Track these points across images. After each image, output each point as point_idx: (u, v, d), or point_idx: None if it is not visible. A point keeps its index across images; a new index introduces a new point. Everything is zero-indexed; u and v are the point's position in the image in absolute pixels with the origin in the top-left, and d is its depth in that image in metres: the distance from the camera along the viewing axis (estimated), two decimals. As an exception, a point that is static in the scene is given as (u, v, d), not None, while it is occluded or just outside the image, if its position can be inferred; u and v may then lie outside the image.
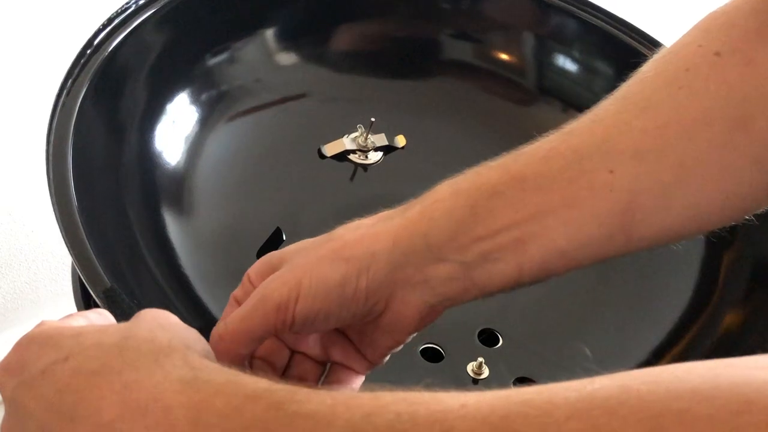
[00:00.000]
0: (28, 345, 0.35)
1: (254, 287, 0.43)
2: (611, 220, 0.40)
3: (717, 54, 0.41)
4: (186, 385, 0.30)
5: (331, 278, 0.40)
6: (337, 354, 0.45)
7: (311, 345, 0.45)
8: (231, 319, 0.41)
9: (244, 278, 0.45)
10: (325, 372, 0.45)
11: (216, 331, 0.42)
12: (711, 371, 0.24)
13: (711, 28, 0.43)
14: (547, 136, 0.42)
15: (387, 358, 0.45)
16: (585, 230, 0.39)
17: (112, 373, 0.31)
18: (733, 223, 0.43)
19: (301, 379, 0.44)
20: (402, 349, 0.51)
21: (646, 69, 0.43)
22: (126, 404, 0.30)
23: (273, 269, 0.43)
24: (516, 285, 0.41)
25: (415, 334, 0.44)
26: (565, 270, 0.41)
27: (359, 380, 0.45)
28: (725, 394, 0.23)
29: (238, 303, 0.44)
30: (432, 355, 0.57)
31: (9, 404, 0.34)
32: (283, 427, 0.28)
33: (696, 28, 0.44)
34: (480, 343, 0.58)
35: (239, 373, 0.31)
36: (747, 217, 0.43)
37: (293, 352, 0.45)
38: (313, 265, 0.40)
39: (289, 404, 0.28)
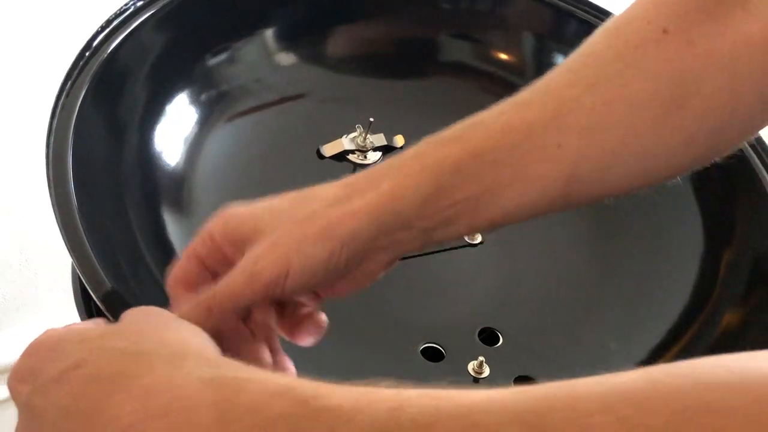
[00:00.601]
0: (35, 352, 0.35)
1: (220, 249, 0.45)
2: (554, 188, 0.44)
3: (665, 31, 0.44)
4: (208, 383, 0.30)
5: (319, 257, 0.43)
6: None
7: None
8: (221, 292, 0.43)
9: (205, 235, 0.46)
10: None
11: (206, 303, 0.43)
12: (739, 363, 0.24)
13: (659, 2, 0.45)
14: (502, 103, 0.45)
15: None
16: (530, 197, 0.44)
17: (131, 378, 0.31)
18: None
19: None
20: (403, 349, 0.51)
21: (597, 41, 0.46)
22: (147, 408, 0.30)
23: (243, 237, 0.44)
24: (464, 238, 0.53)
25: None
26: (505, 224, 0.45)
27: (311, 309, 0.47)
28: (755, 386, 0.23)
29: (200, 259, 0.46)
30: (432, 355, 0.57)
31: (24, 411, 0.34)
32: (309, 421, 0.28)
33: (644, 1, 0.46)
34: (480, 342, 0.58)
35: (257, 369, 0.32)
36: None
37: None
38: (300, 243, 0.43)
39: (313, 399, 0.29)
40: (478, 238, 0.63)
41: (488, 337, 0.58)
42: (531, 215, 0.45)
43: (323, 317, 0.47)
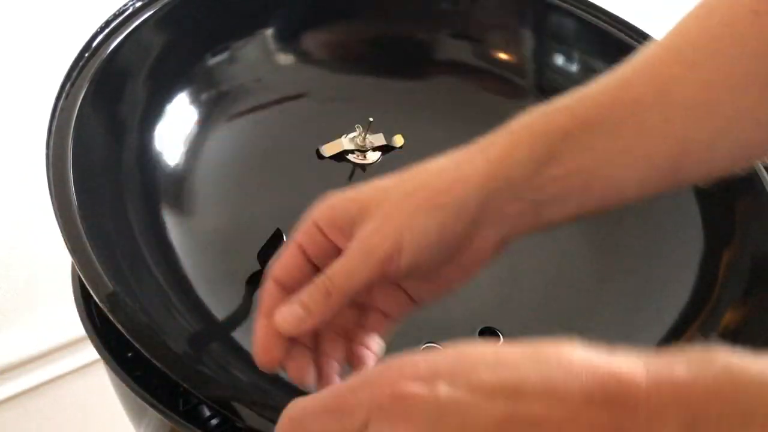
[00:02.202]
0: (445, 356, 0.33)
1: (325, 235, 0.43)
2: (664, 164, 0.44)
3: (755, 12, 0.44)
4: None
5: (431, 228, 0.41)
6: (380, 296, 0.45)
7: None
8: (337, 274, 0.41)
9: (309, 224, 0.44)
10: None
11: (324, 287, 0.41)
12: None
13: None
14: (604, 78, 0.45)
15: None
16: (641, 173, 0.43)
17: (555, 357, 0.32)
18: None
19: (339, 323, 0.44)
20: (403, 349, 0.51)
21: (688, 24, 0.46)
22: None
23: (350, 218, 0.43)
24: (571, 221, 0.45)
25: None
26: (615, 206, 0.44)
27: (389, 328, 0.46)
28: None
29: (304, 250, 0.44)
30: (433, 355, 0.57)
31: (439, 414, 0.31)
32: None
33: None
34: (480, 343, 0.58)
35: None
36: None
37: None
38: (411, 215, 0.41)
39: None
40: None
41: (489, 336, 0.58)
42: (642, 193, 0.45)
43: (375, 354, 0.45)
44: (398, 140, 0.69)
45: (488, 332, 0.58)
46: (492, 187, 0.42)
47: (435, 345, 0.57)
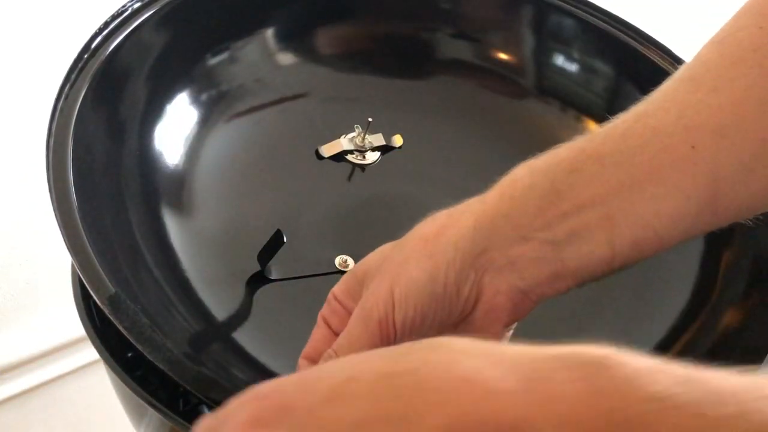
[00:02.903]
0: (276, 391, 0.29)
1: (342, 305, 0.42)
2: (698, 194, 0.39)
3: None
4: (566, 360, 0.28)
5: (419, 278, 0.39)
6: None
7: None
8: (341, 346, 0.40)
9: (330, 297, 0.44)
10: None
11: (329, 359, 0.40)
12: None
13: (765, 11, 0.42)
14: (616, 118, 0.41)
15: None
16: (673, 205, 0.39)
17: (447, 364, 0.26)
18: None
19: None
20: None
21: (707, 52, 0.43)
22: (487, 387, 0.26)
23: (359, 283, 0.42)
24: (610, 268, 0.40)
25: (509, 334, 0.42)
26: (656, 250, 0.40)
27: None
28: None
29: (327, 323, 0.43)
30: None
31: None
32: (705, 400, 0.25)
33: (747, 12, 0.43)
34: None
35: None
36: None
37: None
38: (399, 269, 0.39)
39: (695, 381, 0.26)
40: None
41: None
42: (679, 232, 0.40)
43: None
44: (397, 140, 0.69)
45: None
46: (488, 228, 0.39)
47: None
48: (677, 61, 0.70)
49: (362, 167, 0.67)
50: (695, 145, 0.39)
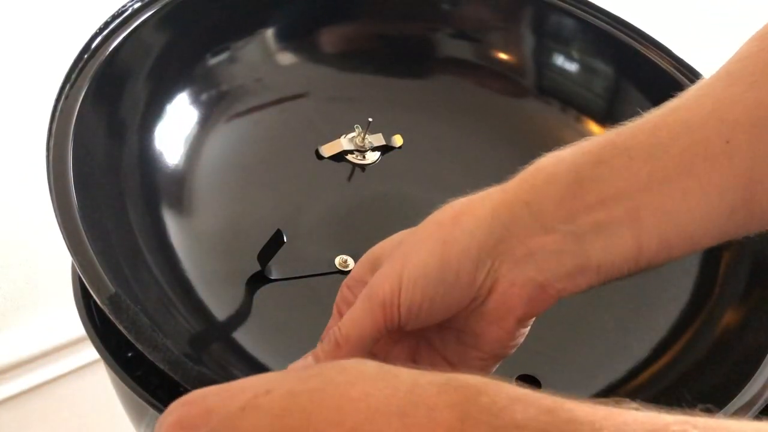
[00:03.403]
0: (203, 396, 0.32)
1: (352, 292, 0.42)
2: (733, 192, 0.37)
3: None
4: (442, 386, 0.28)
5: (429, 264, 0.37)
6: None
7: (401, 358, 0.43)
8: (344, 323, 0.39)
9: (342, 286, 0.43)
10: None
11: (332, 336, 0.40)
12: None
13: None
14: (650, 112, 0.39)
15: (493, 369, 0.42)
16: (705, 201, 0.37)
17: (342, 385, 0.28)
18: None
19: None
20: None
21: (747, 47, 0.40)
22: (374, 408, 0.27)
23: (372, 268, 0.41)
24: (636, 266, 0.37)
25: (525, 331, 0.41)
26: (684, 251, 0.38)
27: None
28: None
29: (340, 312, 0.43)
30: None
31: None
32: (558, 430, 0.26)
33: None
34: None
35: (484, 376, 0.29)
36: None
37: None
38: (410, 253, 0.38)
39: (561, 410, 0.27)
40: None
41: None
42: (710, 233, 0.38)
43: None
44: (397, 140, 0.69)
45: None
46: (507, 216, 0.37)
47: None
48: (677, 61, 0.70)
49: (362, 167, 0.67)
50: (730, 140, 0.37)
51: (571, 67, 0.74)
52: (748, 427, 0.26)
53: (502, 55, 0.76)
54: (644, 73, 0.71)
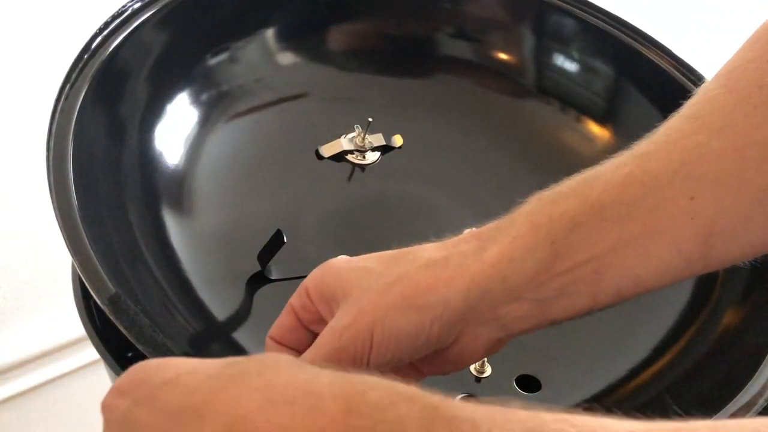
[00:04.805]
0: (143, 367, 0.34)
1: (313, 304, 0.43)
2: (691, 248, 0.39)
3: None
4: (337, 378, 0.30)
5: (403, 329, 0.39)
6: (396, 371, 0.44)
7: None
8: (310, 361, 0.41)
9: (302, 289, 0.44)
10: None
11: None
12: None
13: None
14: (617, 157, 0.41)
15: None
16: (664, 258, 0.39)
17: (252, 375, 0.30)
18: None
19: None
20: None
21: (714, 86, 0.42)
22: (269, 397, 0.29)
23: (332, 293, 0.42)
24: (586, 314, 0.41)
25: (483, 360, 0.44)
26: (636, 295, 0.40)
27: None
28: None
29: (296, 313, 0.44)
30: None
31: (118, 426, 0.32)
32: (441, 428, 0.27)
33: (756, 41, 0.42)
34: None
35: (381, 377, 0.31)
36: None
37: None
38: (384, 313, 0.39)
39: (444, 409, 0.28)
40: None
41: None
42: (664, 282, 0.40)
43: None
44: (397, 140, 0.69)
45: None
46: (483, 290, 0.39)
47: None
48: (677, 61, 0.70)
49: (362, 167, 0.67)
50: (695, 197, 0.38)
51: (571, 67, 0.74)
52: (623, 426, 0.27)
53: (502, 55, 0.76)
54: (644, 73, 0.71)
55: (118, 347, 0.54)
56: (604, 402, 0.55)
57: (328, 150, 0.67)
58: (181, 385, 0.31)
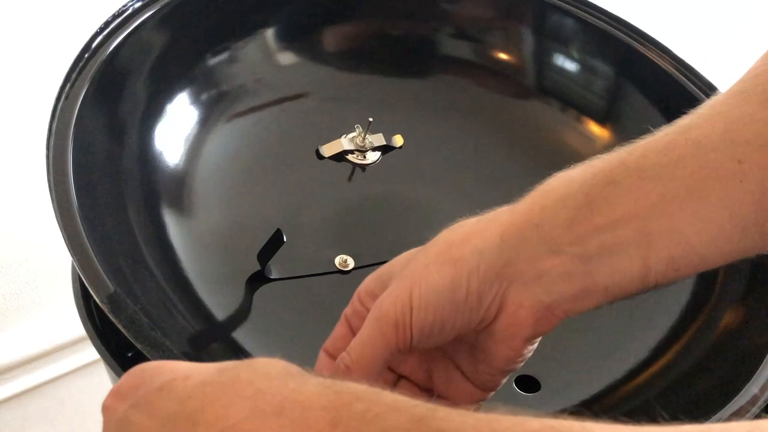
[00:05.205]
0: (141, 371, 0.34)
1: (364, 306, 0.42)
2: (744, 213, 0.36)
3: None
4: (325, 388, 0.29)
5: (440, 284, 0.38)
6: (440, 379, 0.43)
7: (414, 369, 0.44)
8: (353, 347, 0.40)
9: (354, 297, 0.43)
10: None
11: (342, 361, 0.40)
12: None
13: None
14: (660, 130, 0.39)
15: (501, 383, 0.42)
16: (716, 222, 0.37)
17: (243, 382, 0.30)
18: None
19: None
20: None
21: (760, 63, 0.40)
22: (258, 406, 0.29)
23: (383, 284, 0.41)
24: (644, 286, 0.38)
25: (533, 348, 0.41)
26: (694, 270, 0.38)
27: None
28: None
29: (348, 321, 0.43)
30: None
31: (115, 429, 0.33)
32: None
33: None
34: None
35: (371, 386, 0.31)
36: None
37: (399, 377, 0.44)
38: (421, 273, 0.38)
39: (431, 420, 0.27)
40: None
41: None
42: (723, 255, 0.38)
43: None
44: (398, 140, 0.69)
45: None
46: (516, 238, 0.37)
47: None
48: (677, 61, 0.70)
49: (362, 167, 0.67)
50: (742, 160, 0.36)
51: (571, 67, 0.74)
52: (608, 431, 0.27)
53: (503, 55, 0.76)
54: (644, 73, 0.71)
55: (118, 347, 0.54)
56: (604, 402, 0.55)
57: (328, 150, 0.67)
58: (176, 391, 0.31)
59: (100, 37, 0.61)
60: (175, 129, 0.65)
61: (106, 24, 0.62)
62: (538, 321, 0.39)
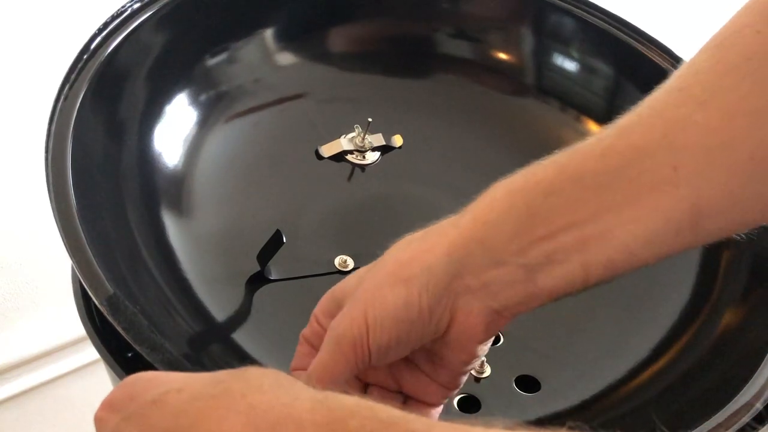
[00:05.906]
0: (134, 382, 0.34)
1: (321, 326, 0.43)
2: (678, 217, 0.38)
3: (758, 32, 0.39)
4: (318, 403, 0.30)
5: (394, 304, 0.39)
6: (407, 382, 0.44)
7: (381, 377, 0.45)
8: (313, 370, 0.41)
9: (312, 318, 0.44)
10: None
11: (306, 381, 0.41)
12: None
13: (765, 12, 0.40)
14: (600, 131, 0.40)
15: (462, 381, 0.44)
16: (651, 227, 0.38)
17: (235, 396, 0.30)
18: None
19: None
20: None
21: (701, 59, 0.41)
22: (250, 422, 0.29)
23: (337, 304, 0.42)
24: (584, 286, 0.40)
25: (487, 348, 0.43)
26: (631, 268, 0.39)
27: (436, 413, 0.44)
28: None
29: (308, 342, 0.44)
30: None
31: None
32: None
33: (748, 10, 0.41)
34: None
35: (364, 399, 0.31)
36: None
37: (366, 385, 0.45)
38: (374, 294, 0.40)
39: None
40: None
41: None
42: (657, 253, 0.39)
43: None
44: (397, 140, 0.69)
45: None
46: (462, 254, 0.39)
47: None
48: (677, 60, 0.70)
49: (362, 167, 0.67)
50: (678, 167, 0.38)
51: (571, 66, 0.74)
52: None
53: (502, 55, 0.76)
54: (644, 73, 0.71)
55: (118, 347, 0.54)
56: (604, 402, 0.55)
57: (328, 150, 0.67)
58: (168, 405, 0.31)
59: (98, 38, 0.61)
60: (174, 130, 0.65)
61: (105, 25, 0.62)
62: (488, 325, 0.41)
